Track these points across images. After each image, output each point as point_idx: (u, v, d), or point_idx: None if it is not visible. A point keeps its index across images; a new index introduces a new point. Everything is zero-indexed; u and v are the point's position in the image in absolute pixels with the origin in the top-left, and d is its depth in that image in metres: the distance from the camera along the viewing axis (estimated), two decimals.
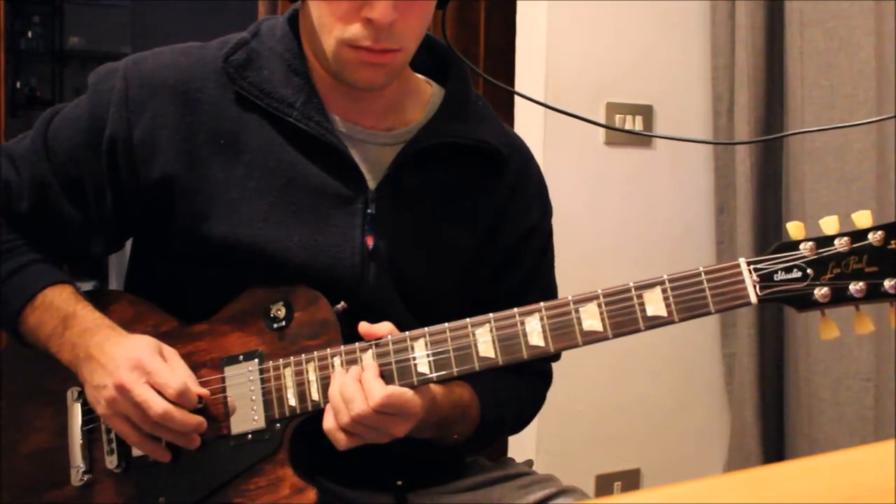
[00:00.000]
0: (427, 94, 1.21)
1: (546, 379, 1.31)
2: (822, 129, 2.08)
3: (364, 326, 1.05)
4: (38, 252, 1.16)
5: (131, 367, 1.03)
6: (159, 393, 1.03)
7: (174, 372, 1.05)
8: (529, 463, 1.33)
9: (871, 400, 2.04)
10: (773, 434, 2.32)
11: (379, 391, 1.00)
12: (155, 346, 1.07)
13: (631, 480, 2.35)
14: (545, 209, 1.28)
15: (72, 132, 1.14)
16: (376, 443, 1.03)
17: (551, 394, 1.32)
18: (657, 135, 2.33)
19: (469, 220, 1.19)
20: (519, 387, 1.25)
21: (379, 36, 1.03)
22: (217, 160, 1.11)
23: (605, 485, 2.31)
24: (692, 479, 0.63)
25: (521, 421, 1.29)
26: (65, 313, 1.11)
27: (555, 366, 1.31)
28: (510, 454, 2.05)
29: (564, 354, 1.04)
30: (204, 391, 1.07)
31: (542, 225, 1.27)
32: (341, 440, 1.02)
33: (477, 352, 1.02)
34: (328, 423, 1.02)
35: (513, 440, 2.17)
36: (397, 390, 1.01)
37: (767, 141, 2.28)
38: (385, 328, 1.05)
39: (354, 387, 1.01)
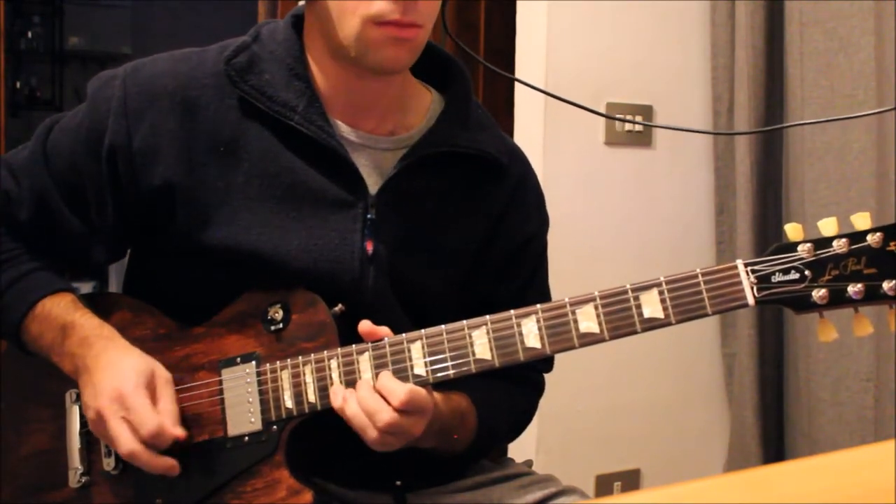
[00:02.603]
0: (427, 100, 1.21)
1: (539, 389, 1.31)
2: (822, 120, 2.06)
3: (366, 325, 1.04)
4: (38, 261, 1.16)
5: (112, 397, 1.03)
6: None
7: (153, 411, 1.03)
8: (529, 463, 1.33)
9: (871, 400, 2.03)
10: (773, 434, 2.32)
11: (400, 389, 0.99)
12: (144, 376, 1.05)
13: (631, 480, 2.35)
14: (543, 219, 1.28)
15: (71, 141, 1.13)
16: (396, 448, 1.02)
17: (551, 394, 1.32)
18: (657, 124, 2.31)
19: (468, 226, 1.19)
20: (513, 395, 1.25)
21: (406, 9, 1.03)
22: (217, 166, 1.10)
23: (605, 485, 2.31)
24: (692, 479, 0.63)
25: (515, 429, 1.29)
26: (63, 322, 1.10)
27: (554, 365, 1.31)
28: (510, 454, 2.05)
29: (565, 354, 1.03)
30: (181, 433, 1.04)
31: (540, 234, 1.28)
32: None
33: (473, 354, 1.01)
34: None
35: None
36: (414, 387, 1.00)
37: (768, 132, 2.27)
38: (384, 330, 1.05)
39: (374, 398, 1.00)
